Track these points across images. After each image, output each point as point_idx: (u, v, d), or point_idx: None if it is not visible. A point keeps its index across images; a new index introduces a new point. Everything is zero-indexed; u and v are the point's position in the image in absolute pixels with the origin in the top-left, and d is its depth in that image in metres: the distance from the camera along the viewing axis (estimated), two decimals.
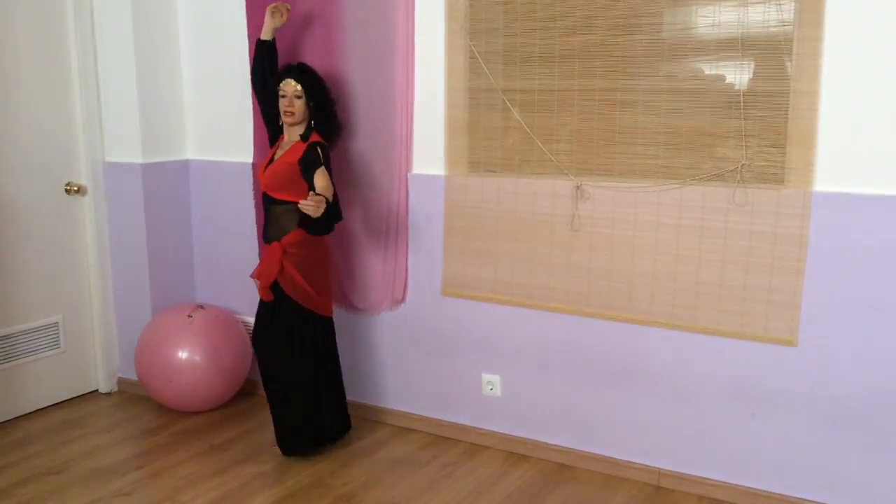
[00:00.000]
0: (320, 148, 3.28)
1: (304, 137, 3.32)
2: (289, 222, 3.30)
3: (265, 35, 3.46)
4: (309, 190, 3.16)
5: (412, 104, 3.49)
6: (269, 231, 3.37)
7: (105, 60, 3.95)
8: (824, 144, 2.76)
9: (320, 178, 3.19)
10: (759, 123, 2.85)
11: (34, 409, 3.94)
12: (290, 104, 3.30)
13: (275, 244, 3.29)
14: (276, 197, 3.30)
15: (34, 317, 3.90)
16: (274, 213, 3.33)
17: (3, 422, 3.80)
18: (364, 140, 3.59)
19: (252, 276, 3.46)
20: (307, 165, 3.23)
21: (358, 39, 3.52)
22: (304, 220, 3.17)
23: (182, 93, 4.11)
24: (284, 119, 3.34)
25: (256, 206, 3.93)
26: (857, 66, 2.69)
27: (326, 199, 3.06)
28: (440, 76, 3.41)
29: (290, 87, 3.30)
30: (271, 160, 3.37)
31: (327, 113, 3.37)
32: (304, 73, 3.33)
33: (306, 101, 3.31)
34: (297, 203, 3.13)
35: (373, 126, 3.56)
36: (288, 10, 3.45)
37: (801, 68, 2.76)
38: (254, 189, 3.94)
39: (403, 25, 3.42)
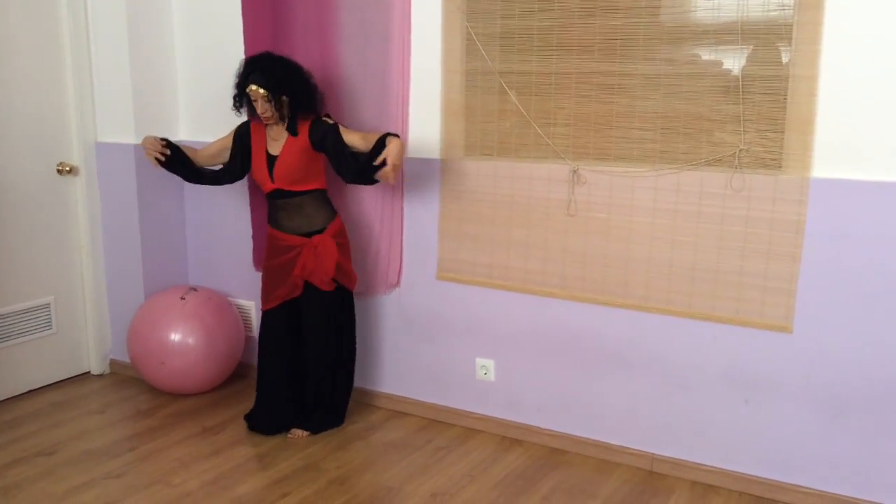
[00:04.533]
0: (324, 117, 3.30)
1: (292, 130, 3.27)
2: (316, 210, 3.33)
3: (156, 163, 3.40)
4: (340, 152, 3.20)
5: (408, 86, 3.46)
6: (292, 222, 3.32)
7: (97, 39, 3.90)
8: (823, 130, 2.75)
9: (350, 134, 3.23)
10: (757, 108, 2.84)
11: (25, 391, 3.93)
12: (264, 110, 3.22)
13: (321, 238, 3.30)
14: (293, 189, 3.28)
15: (25, 298, 3.87)
16: (294, 204, 3.31)
17: None
18: (359, 123, 3.55)
19: (297, 273, 3.31)
20: (321, 137, 3.24)
21: (353, 20, 3.48)
22: (366, 172, 3.17)
23: (175, 73, 4.07)
24: (265, 122, 3.28)
25: (252, 195, 3.89)
26: (856, 52, 2.67)
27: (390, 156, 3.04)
28: (436, 58, 3.38)
29: (258, 93, 3.19)
30: (268, 156, 3.29)
31: (304, 96, 3.25)
32: (267, 75, 3.18)
33: (276, 101, 3.21)
34: (317, 190, 3.30)
35: (368, 109, 3.53)
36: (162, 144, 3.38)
37: (801, 53, 2.74)
38: (249, 182, 3.87)
39: (399, 6, 3.38)
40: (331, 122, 3.28)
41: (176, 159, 3.45)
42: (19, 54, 3.72)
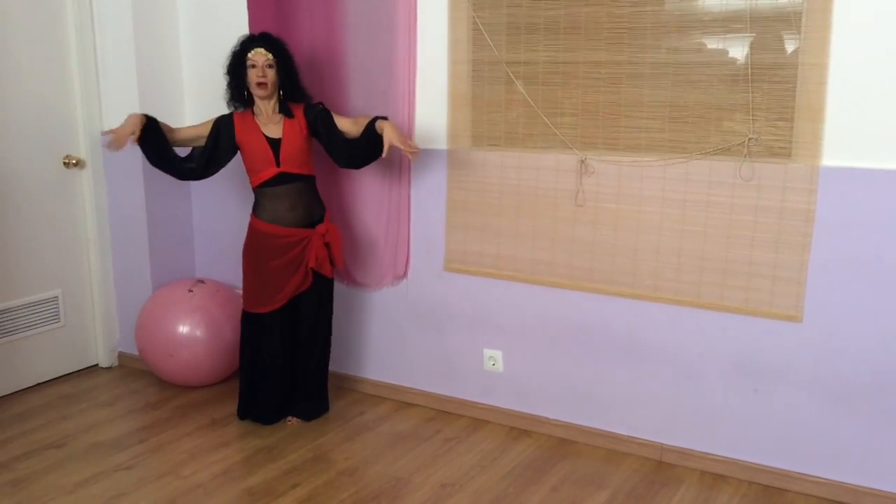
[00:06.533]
0: (319, 104, 3.33)
1: (286, 112, 3.28)
2: (314, 198, 3.36)
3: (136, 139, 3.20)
4: (333, 136, 3.24)
5: (414, 77, 3.45)
6: (294, 212, 3.29)
7: (102, 30, 3.89)
8: (833, 118, 2.73)
9: (341, 119, 3.28)
10: (766, 97, 2.82)
11: (34, 384, 3.93)
12: (264, 74, 3.18)
13: (328, 226, 3.35)
14: (298, 172, 3.28)
15: (33, 291, 3.88)
16: (296, 190, 3.29)
17: (3, 396, 3.79)
18: (365, 113, 3.54)
19: (312, 265, 3.32)
20: (321, 123, 3.27)
21: (359, 10, 3.47)
22: (359, 156, 3.25)
23: (181, 64, 4.06)
24: (257, 92, 3.21)
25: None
26: (866, 39, 2.65)
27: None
28: (443, 48, 3.36)
29: (262, 56, 3.18)
30: (269, 140, 3.25)
31: (295, 83, 3.28)
32: (272, 42, 3.22)
33: (277, 70, 3.21)
34: (313, 176, 3.32)
35: (374, 99, 3.52)
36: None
37: (810, 41, 2.72)
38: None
39: None
40: (321, 106, 3.32)
41: (151, 138, 3.26)
42: (24, 46, 3.72)
